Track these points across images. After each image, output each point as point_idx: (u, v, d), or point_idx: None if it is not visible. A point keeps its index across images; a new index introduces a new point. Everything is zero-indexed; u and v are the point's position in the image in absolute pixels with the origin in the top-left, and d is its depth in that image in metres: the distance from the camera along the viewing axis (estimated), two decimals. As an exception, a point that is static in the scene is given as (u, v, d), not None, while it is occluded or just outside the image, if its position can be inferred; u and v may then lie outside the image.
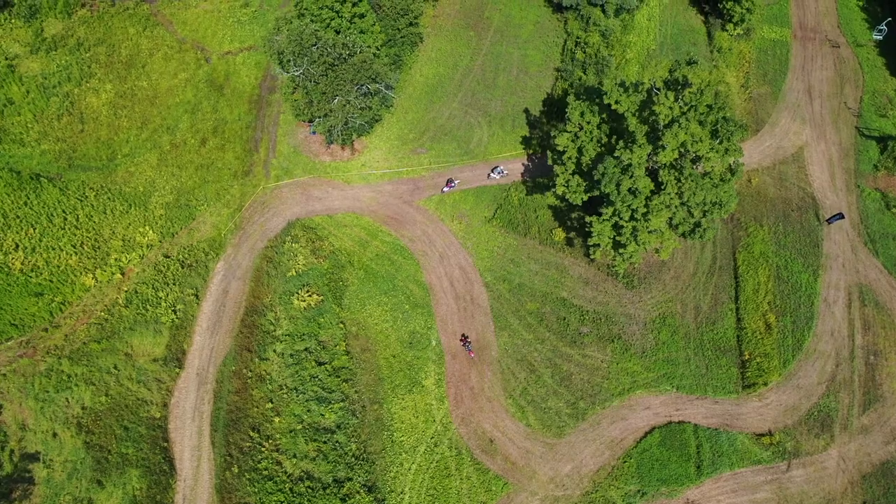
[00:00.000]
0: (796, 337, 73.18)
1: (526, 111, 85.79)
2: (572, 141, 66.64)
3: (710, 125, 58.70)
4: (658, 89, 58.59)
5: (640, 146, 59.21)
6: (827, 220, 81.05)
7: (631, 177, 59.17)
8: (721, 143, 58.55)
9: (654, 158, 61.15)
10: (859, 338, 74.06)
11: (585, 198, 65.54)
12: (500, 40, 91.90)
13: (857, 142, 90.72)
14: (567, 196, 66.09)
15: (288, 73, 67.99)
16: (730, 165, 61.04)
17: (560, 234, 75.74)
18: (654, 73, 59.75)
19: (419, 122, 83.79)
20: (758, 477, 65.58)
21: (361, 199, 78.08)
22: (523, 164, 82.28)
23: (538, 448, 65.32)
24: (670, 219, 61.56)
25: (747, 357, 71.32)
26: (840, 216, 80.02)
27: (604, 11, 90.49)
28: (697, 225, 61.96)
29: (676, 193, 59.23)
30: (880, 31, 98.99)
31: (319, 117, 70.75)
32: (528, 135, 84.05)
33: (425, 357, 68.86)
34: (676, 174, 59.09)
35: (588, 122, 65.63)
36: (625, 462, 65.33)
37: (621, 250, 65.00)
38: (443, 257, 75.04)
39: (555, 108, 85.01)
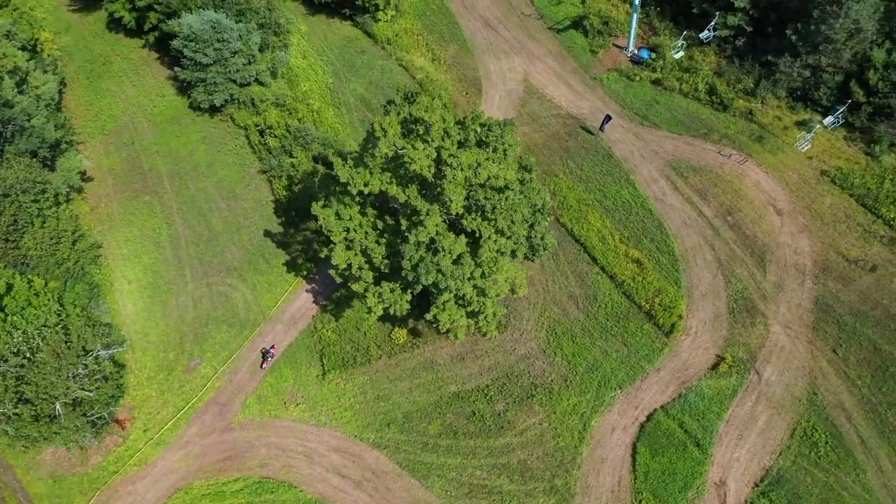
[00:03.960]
0: (665, 252, 67.72)
1: (267, 235, 70.84)
2: (349, 249, 53.58)
3: (475, 142, 48.55)
4: (402, 149, 47.03)
5: (427, 214, 47.69)
6: (600, 129, 76.20)
7: (442, 251, 47.56)
8: (496, 151, 48.70)
9: (446, 212, 50.06)
10: (706, 209, 70.48)
11: (409, 297, 53.11)
12: (183, 183, 75.19)
13: (560, 40, 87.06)
14: (392, 310, 53.24)
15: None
16: (519, 163, 51.70)
17: (401, 335, 63.13)
18: (386, 136, 47.79)
19: (167, 335, 65.64)
20: (745, 405, 59.54)
21: (175, 468, 59.32)
22: (308, 291, 67.80)
23: (560, 566, 53.68)
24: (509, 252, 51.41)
25: (646, 306, 64.47)
26: (608, 118, 75.35)
27: (261, 83, 77.04)
28: (530, 238, 52.29)
29: (496, 232, 48.76)
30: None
31: (51, 440, 50.87)
32: (288, 258, 69.40)
33: (381, 578, 53.68)
34: (479, 213, 48.50)
35: (350, 219, 52.83)
36: (640, 500, 55.81)
37: (480, 317, 53.86)
38: (309, 456, 59.26)
39: (291, 212, 70.97)
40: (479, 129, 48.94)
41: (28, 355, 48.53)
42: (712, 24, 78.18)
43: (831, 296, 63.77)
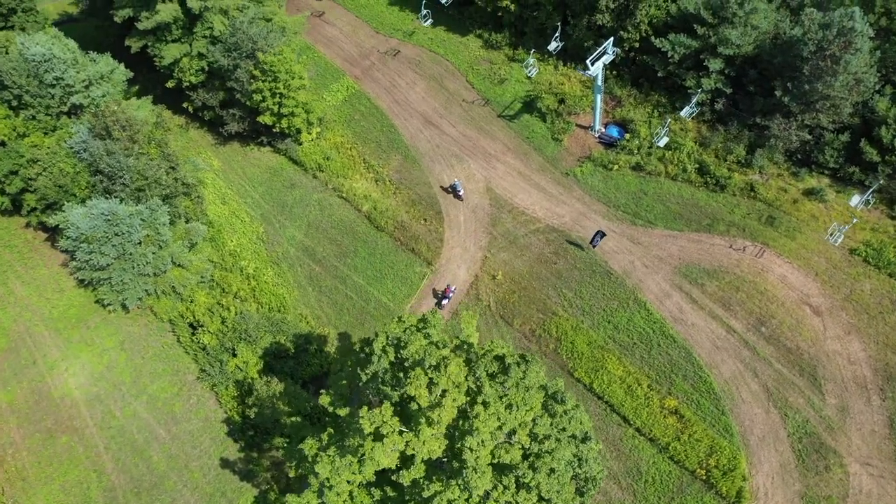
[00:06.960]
0: (703, 391, 57.00)
1: (225, 467, 57.04)
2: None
3: (491, 386, 36.48)
4: (404, 433, 34.49)
5: (447, 509, 35.34)
6: (591, 244, 64.88)
7: (477, 557, 35.30)
8: (518, 386, 36.76)
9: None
10: (735, 322, 60.11)
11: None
12: (107, 410, 60.53)
13: (516, 130, 75.63)
14: None
15: None
16: (544, 390, 39.84)
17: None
18: (384, 444, 35.10)
19: None
20: (845, 580, 49.24)
21: None
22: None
23: None
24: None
25: (701, 472, 53.57)
26: (601, 234, 63.94)
27: (180, 265, 62.93)
28: (577, 476, 40.58)
29: (539, 501, 36.87)
30: (424, 16, 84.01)
31: None
32: (256, 493, 55.59)
33: None
34: (514, 482, 36.49)
35: (338, 496, 39.88)
36: None
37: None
38: None
39: (249, 431, 57.27)
40: (489, 367, 36.91)
41: None
42: (694, 100, 67.65)
43: (906, 413, 54.24)
